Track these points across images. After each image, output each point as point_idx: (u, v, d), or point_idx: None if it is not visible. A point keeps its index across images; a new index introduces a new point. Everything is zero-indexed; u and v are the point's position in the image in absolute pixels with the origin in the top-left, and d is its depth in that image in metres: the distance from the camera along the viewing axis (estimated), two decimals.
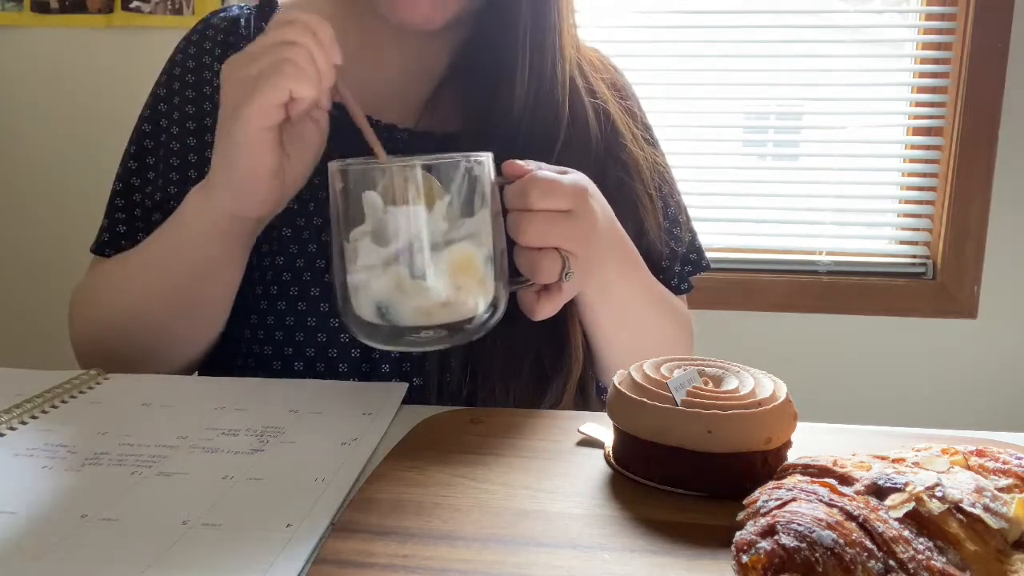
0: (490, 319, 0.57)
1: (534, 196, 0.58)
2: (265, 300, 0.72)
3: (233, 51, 0.79)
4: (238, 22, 0.81)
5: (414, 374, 0.72)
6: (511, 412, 0.60)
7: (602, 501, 0.45)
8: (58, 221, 1.88)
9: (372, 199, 0.53)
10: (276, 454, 0.51)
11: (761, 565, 0.34)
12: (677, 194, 0.84)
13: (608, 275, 0.67)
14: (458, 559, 0.39)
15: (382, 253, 0.53)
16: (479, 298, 0.55)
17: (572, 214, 0.60)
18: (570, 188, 0.60)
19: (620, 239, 0.69)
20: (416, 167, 0.52)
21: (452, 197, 0.53)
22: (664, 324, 0.77)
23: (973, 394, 1.84)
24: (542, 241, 0.59)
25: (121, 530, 0.42)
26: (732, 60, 1.85)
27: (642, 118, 0.84)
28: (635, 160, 0.78)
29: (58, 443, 0.52)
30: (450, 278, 0.53)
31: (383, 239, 0.53)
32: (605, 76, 0.81)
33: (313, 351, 0.71)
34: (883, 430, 0.56)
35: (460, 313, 0.55)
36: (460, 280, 0.54)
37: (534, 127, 0.72)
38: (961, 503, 0.35)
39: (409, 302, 0.53)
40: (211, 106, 0.77)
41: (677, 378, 0.47)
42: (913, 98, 1.83)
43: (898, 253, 1.87)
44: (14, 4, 1.84)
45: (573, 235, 0.60)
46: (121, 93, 1.45)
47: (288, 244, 0.73)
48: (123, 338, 0.72)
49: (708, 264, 0.85)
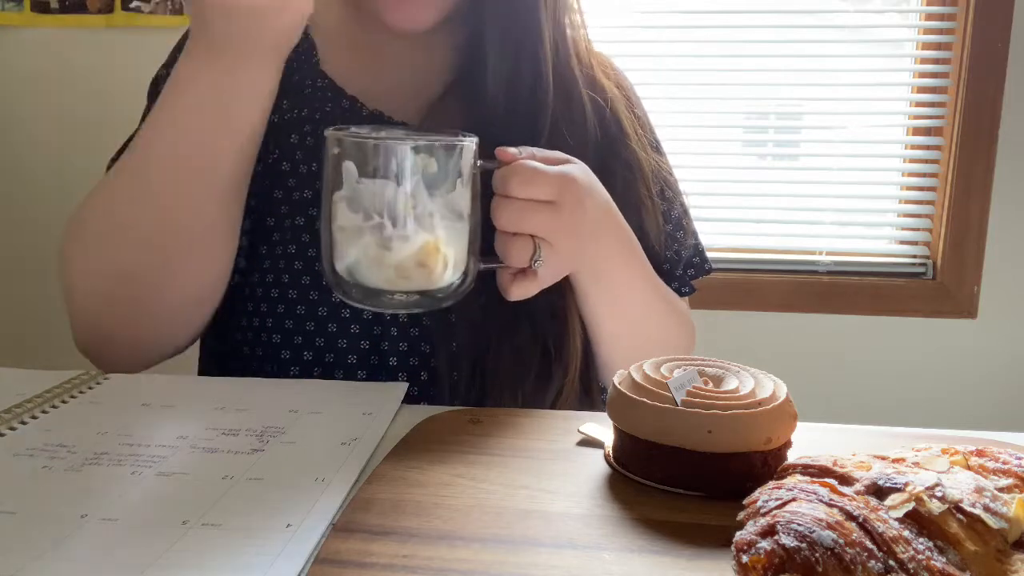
0: (459, 287, 0.60)
1: (513, 183, 0.60)
2: (276, 288, 0.72)
3: None
4: None
5: (422, 368, 0.71)
6: (511, 412, 0.60)
7: (602, 501, 0.45)
8: (58, 221, 1.86)
9: (349, 168, 0.56)
10: (276, 454, 0.51)
11: (761, 565, 0.34)
12: (682, 199, 0.84)
13: (603, 264, 0.67)
14: (458, 559, 0.39)
15: (354, 219, 0.57)
16: (446, 270, 0.59)
17: (555, 205, 0.61)
18: (555, 178, 0.61)
19: (617, 228, 0.69)
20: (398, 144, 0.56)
21: (427, 174, 0.56)
22: (666, 321, 0.77)
23: (973, 394, 1.83)
24: (515, 227, 0.61)
25: (121, 530, 0.42)
26: (732, 60, 1.85)
27: (649, 126, 0.84)
28: (637, 161, 0.78)
29: (58, 443, 0.52)
30: (416, 250, 0.57)
31: (356, 206, 0.57)
32: (612, 76, 0.82)
33: (322, 340, 0.71)
34: (883, 430, 0.56)
35: (426, 283, 0.58)
36: (425, 252, 0.57)
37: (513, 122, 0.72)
38: (961, 503, 0.35)
39: (376, 267, 0.57)
40: None
41: (677, 378, 0.47)
42: (913, 98, 1.83)
43: (898, 253, 1.87)
44: (14, 4, 1.84)
45: (552, 225, 0.61)
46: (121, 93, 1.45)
47: (300, 233, 0.73)
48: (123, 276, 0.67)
49: (710, 268, 0.85)
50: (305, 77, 0.77)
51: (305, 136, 0.75)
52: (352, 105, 0.76)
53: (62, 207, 1.92)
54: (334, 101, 0.76)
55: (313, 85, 0.77)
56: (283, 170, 0.74)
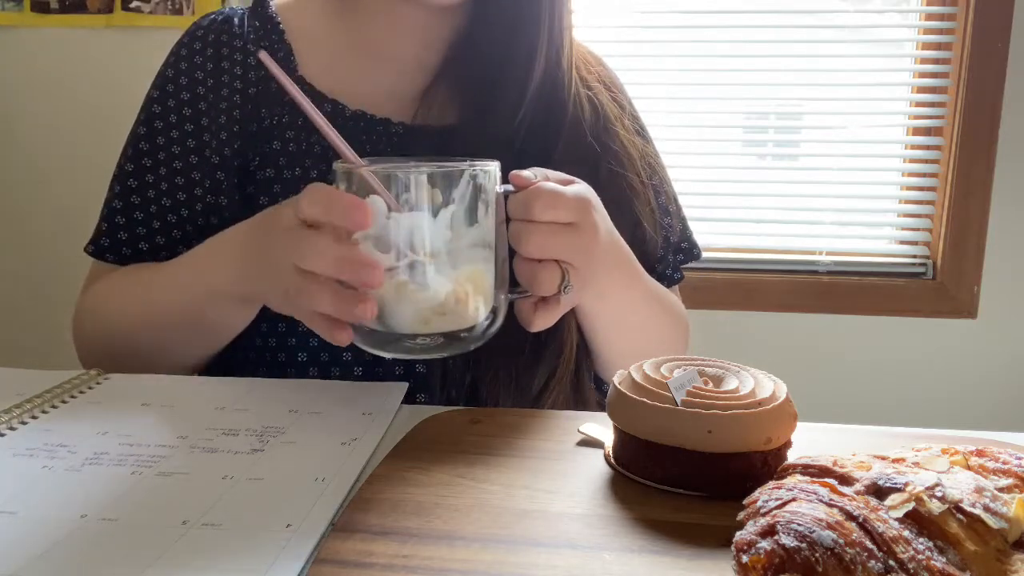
0: (489, 328, 0.57)
1: (537, 208, 0.57)
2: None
3: (227, 50, 0.80)
4: (231, 21, 0.82)
5: (417, 360, 0.72)
6: (511, 412, 0.60)
7: (602, 501, 0.45)
8: (58, 221, 1.87)
9: (376, 204, 0.52)
10: (276, 454, 0.51)
11: (761, 565, 0.34)
12: (668, 184, 0.84)
13: (607, 286, 0.67)
14: (458, 559, 0.39)
15: (384, 259, 0.52)
16: (479, 308, 0.55)
17: (575, 226, 0.59)
18: (573, 200, 0.59)
19: (620, 249, 0.69)
20: (423, 174, 0.52)
21: (456, 205, 0.53)
22: (661, 327, 0.77)
23: (973, 394, 1.83)
24: (543, 253, 0.58)
25: (121, 530, 0.42)
26: (732, 60, 1.85)
27: (631, 110, 0.84)
28: (627, 151, 0.78)
29: (58, 443, 0.52)
30: (453, 287, 0.53)
31: (385, 245, 0.52)
32: (594, 70, 0.82)
33: (317, 341, 0.71)
34: (883, 430, 0.56)
35: (459, 322, 0.54)
36: (461, 290, 0.54)
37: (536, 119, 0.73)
38: (961, 503, 0.35)
39: (408, 309, 0.53)
40: (206, 105, 0.78)
41: (677, 378, 0.47)
42: (913, 98, 1.83)
43: (898, 253, 1.87)
44: (14, 4, 1.84)
45: (574, 247, 0.60)
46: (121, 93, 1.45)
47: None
48: (127, 350, 0.73)
49: (699, 253, 0.86)
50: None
51: (288, 142, 0.75)
52: (334, 108, 0.76)
53: (62, 207, 1.92)
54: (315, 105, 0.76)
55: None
56: (267, 177, 0.75)
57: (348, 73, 0.79)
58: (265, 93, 0.77)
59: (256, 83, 0.78)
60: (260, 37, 0.80)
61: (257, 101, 0.77)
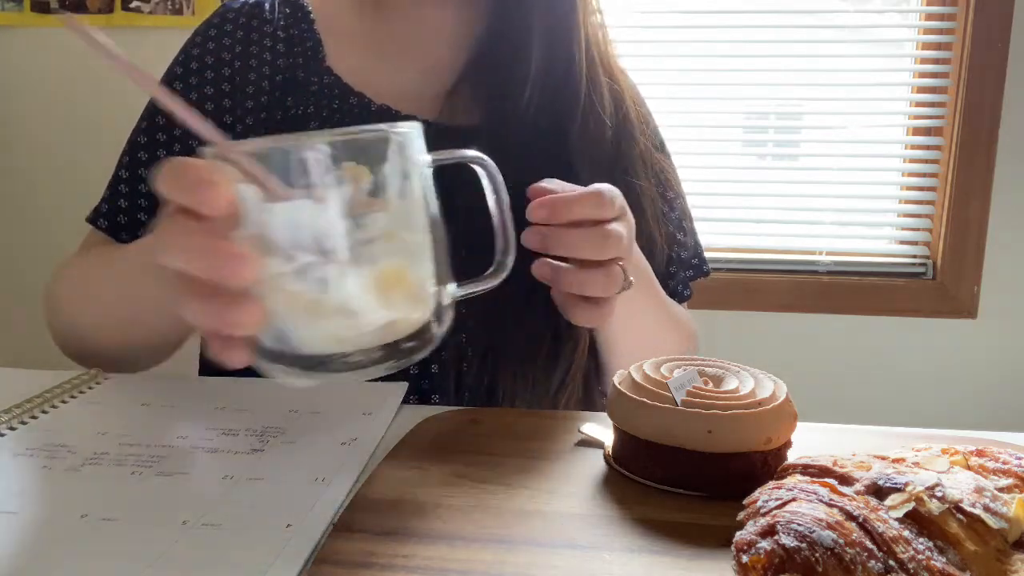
0: (436, 328, 0.45)
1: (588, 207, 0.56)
2: None
3: (257, 35, 0.79)
4: (262, 6, 0.81)
5: (432, 360, 0.71)
6: (511, 412, 0.60)
7: (602, 501, 0.45)
8: (58, 221, 1.87)
9: (245, 194, 0.40)
10: (276, 454, 0.51)
11: (761, 565, 0.34)
12: (683, 199, 0.84)
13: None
14: (458, 559, 0.39)
15: (270, 264, 0.40)
16: (410, 311, 0.43)
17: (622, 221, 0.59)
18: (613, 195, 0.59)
19: (639, 252, 0.69)
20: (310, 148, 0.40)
21: (364, 185, 0.41)
22: (673, 335, 0.77)
23: (973, 394, 1.83)
24: (600, 254, 0.58)
25: (121, 530, 0.42)
26: (732, 60, 1.85)
27: (654, 126, 0.85)
28: (645, 161, 0.78)
29: (58, 443, 0.52)
30: (363, 292, 0.41)
31: (266, 245, 0.40)
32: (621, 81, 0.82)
33: None
34: (883, 430, 0.56)
35: (386, 334, 0.42)
36: (379, 293, 0.41)
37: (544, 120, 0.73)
38: (961, 503, 0.35)
39: (310, 325, 0.41)
40: (230, 87, 0.78)
41: (677, 378, 0.47)
42: (913, 98, 1.83)
43: (898, 253, 1.87)
44: (14, 4, 1.84)
45: (626, 243, 0.59)
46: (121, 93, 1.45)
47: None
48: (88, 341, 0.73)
49: (708, 270, 0.86)
50: (311, 74, 0.77)
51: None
52: (360, 102, 0.76)
53: (62, 206, 1.92)
54: (341, 98, 0.76)
55: (319, 82, 0.77)
56: None
57: (375, 69, 0.78)
58: (292, 81, 0.77)
59: (284, 71, 0.77)
60: (290, 24, 0.80)
61: (284, 89, 0.77)
